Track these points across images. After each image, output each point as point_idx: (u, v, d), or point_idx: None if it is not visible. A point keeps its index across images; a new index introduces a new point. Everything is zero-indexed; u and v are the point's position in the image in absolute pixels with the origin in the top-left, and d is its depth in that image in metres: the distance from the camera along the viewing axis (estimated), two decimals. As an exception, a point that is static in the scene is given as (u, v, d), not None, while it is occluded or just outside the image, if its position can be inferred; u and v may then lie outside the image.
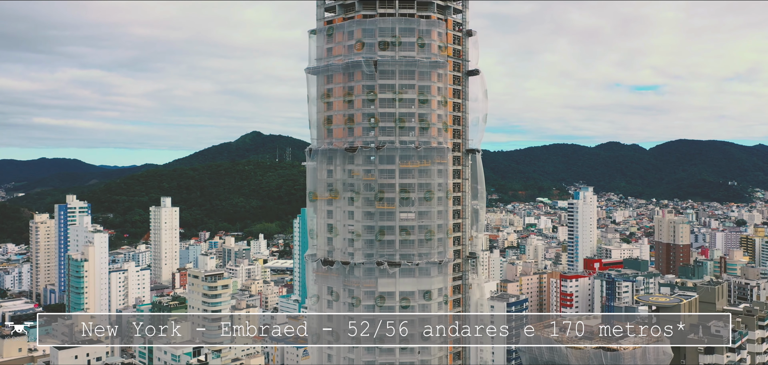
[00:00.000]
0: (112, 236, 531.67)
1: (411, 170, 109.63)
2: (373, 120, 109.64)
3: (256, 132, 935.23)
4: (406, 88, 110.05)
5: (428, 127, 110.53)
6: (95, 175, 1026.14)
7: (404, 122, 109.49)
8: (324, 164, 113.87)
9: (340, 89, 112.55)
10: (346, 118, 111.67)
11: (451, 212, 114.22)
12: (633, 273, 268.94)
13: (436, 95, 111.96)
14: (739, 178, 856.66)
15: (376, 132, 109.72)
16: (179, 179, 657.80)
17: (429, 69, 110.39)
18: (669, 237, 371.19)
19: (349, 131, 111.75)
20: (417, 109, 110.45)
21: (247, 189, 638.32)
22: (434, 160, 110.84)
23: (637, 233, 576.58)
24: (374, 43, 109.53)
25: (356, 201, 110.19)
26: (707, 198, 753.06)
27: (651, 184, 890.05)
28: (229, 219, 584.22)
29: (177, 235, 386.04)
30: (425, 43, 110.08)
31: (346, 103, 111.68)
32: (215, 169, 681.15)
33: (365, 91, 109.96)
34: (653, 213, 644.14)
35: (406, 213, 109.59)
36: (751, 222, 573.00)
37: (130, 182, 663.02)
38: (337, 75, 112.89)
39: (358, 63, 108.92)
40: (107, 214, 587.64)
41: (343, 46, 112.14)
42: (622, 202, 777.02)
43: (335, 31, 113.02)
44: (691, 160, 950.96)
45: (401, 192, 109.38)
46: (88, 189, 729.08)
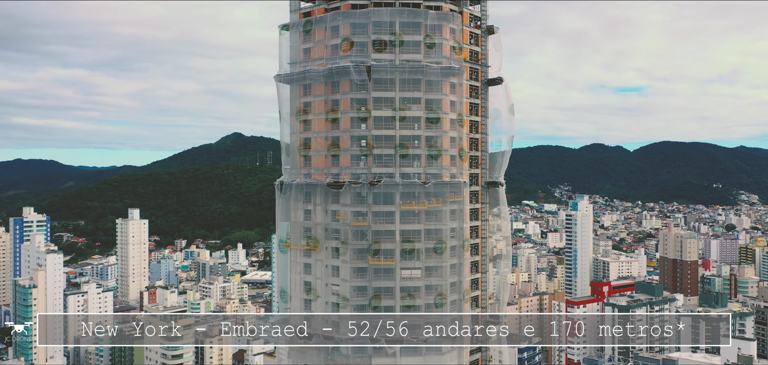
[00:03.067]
0: (82, 245, 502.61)
1: (416, 213, 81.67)
2: (365, 145, 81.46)
3: (237, 133, 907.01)
4: (410, 103, 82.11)
5: (439, 155, 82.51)
6: (72, 176, 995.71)
7: (407, 148, 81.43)
8: (300, 203, 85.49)
9: (322, 104, 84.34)
10: (330, 142, 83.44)
11: (468, 266, 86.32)
12: (647, 298, 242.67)
13: (448, 112, 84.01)
14: (723, 179, 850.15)
15: (369, 161, 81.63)
16: (155, 184, 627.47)
17: (440, 77, 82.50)
18: (676, 253, 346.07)
19: (334, 160, 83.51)
20: (424, 130, 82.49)
21: (225, 194, 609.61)
22: (446, 199, 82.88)
23: (627, 238, 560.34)
24: (367, 42, 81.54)
25: (343, 254, 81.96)
26: (692, 201, 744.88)
27: (636, 186, 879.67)
28: (206, 226, 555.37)
29: (146, 249, 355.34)
30: (435, 42, 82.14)
31: (329, 122, 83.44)
32: (193, 173, 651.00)
33: (355, 106, 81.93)
34: (641, 217, 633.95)
35: (409, 269, 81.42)
36: (741, 227, 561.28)
37: (103, 187, 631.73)
38: (317, 85, 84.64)
39: (345, 69, 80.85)
40: (78, 221, 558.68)
41: (326, 47, 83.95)
42: (608, 205, 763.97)
43: (315, 26, 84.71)
44: (674, 161, 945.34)
45: (403, 242, 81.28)
46: (61, 192, 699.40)
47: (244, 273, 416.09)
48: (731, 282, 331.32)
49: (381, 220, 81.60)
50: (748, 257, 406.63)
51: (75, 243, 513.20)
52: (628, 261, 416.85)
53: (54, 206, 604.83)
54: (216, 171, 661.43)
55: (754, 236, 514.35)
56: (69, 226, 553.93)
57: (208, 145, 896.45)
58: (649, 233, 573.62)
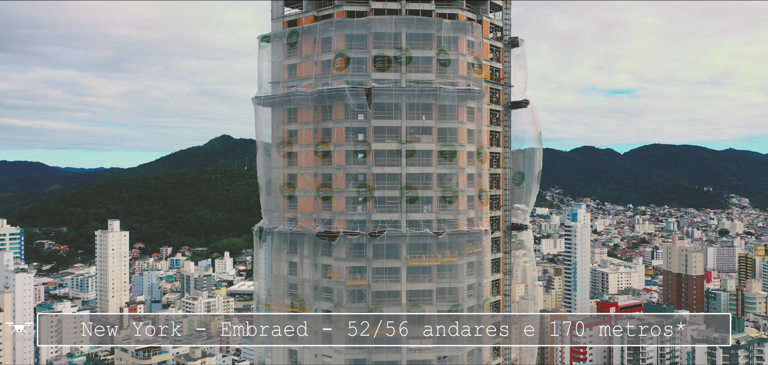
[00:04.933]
0: (64, 252, 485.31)
1: (427, 269, 65.80)
2: (363, 186, 65.50)
3: (225, 136, 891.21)
4: (419, 134, 66.33)
5: (455, 197, 66.70)
6: (58, 178, 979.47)
7: (415, 190, 65.56)
8: (283, 254, 69.42)
9: (310, 133, 68.36)
10: (320, 180, 67.45)
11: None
12: (658, 320, 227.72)
13: (466, 144, 68.21)
14: (713, 182, 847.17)
15: (368, 206, 65.77)
16: (141, 189, 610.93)
17: (455, 101, 66.72)
18: (680, 267, 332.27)
19: (325, 203, 67.51)
20: (436, 167, 66.67)
21: (213, 199, 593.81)
22: (463, 251, 67.04)
23: (621, 244, 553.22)
24: (366, 58, 65.69)
25: (336, 320, 65.97)
26: (683, 204, 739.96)
27: (627, 189, 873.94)
28: (193, 233, 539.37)
29: (127, 262, 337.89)
30: (450, 58, 66.30)
31: (319, 156, 67.48)
32: (180, 178, 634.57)
33: (351, 137, 66.06)
34: (633, 222, 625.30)
35: (418, 340, 65.56)
36: (734, 231, 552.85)
37: (87, 192, 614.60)
38: (304, 110, 68.69)
39: (338, 91, 64.98)
40: (60, 228, 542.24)
41: (315, 63, 67.97)
42: (600, 209, 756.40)
43: (301, 38, 68.61)
44: (665, 164, 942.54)
45: (411, 305, 65.38)
46: (45, 196, 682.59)
47: (231, 283, 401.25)
48: (738, 298, 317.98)
49: (383, 278, 65.79)
50: (747, 266, 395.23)
51: (57, 251, 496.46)
52: (628, 272, 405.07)
53: (36, 211, 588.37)
54: (203, 175, 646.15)
55: (749, 242, 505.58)
56: (51, 233, 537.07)
57: (195, 147, 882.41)
58: (643, 238, 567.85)
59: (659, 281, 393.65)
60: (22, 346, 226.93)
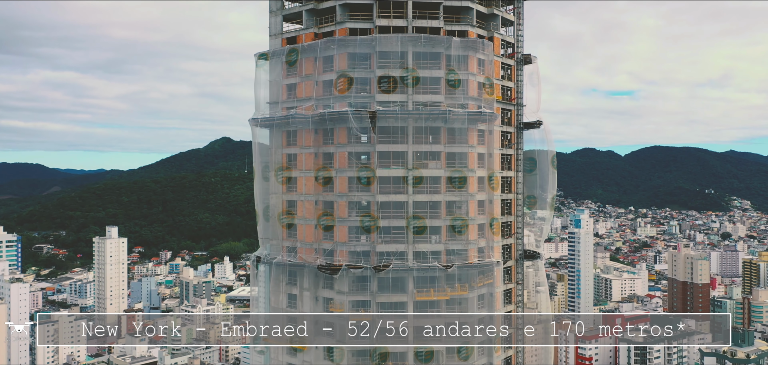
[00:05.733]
0: (63, 257, 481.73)
1: (435, 303, 61.58)
2: (367, 215, 61.31)
3: (225, 138, 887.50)
4: (427, 159, 62.10)
5: (465, 227, 62.45)
6: (57, 180, 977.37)
7: (423, 219, 61.25)
8: (281, 285, 65.22)
9: (310, 157, 64.15)
10: (321, 209, 63.27)
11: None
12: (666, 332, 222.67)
13: (476, 169, 64.00)
14: (714, 184, 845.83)
15: (372, 236, 61.51)
16: (140, 192, 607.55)
17: (466, 124, 62.48)
18: (686, 275, 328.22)
19: (326, 232, 63.28)
20: (444, 194, 62.45)
21: (213, 203, 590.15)
22: (474, 284, 62.81)
23: (623, 248, 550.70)
24: (370, 78, 61.51)
25: (339, 358, 61.72)
26: (685, 207, 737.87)
27: (628, 192, 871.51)
28: (192, 237, 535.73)
29: (125, 269, 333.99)
30: (460, 78, 62.05)
31: (320, 182, 63.28)
32: (179, 181, 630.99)
33: (354, 162, 61.88)
34: (635, 225, 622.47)
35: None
36: (736, 234, 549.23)
37: (86, 196, 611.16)
38: (304, 132, 64.52)
39: (341, 114, 60.75)
40: (59, 232, 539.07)
41: (316, 83, 63.77)
42: (600, 211, 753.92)
43: (301, 56, 64.37)
44: (666, 166, 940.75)
45: (418, 343, 61.08)
46: (44, 199, 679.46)
47: (230, 288, 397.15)
48: (744, 307, 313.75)
49: (389, 314, 61.49)
50: (752, 272, 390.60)
51: (55, 255, 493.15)
52: (631, 278, 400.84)
53: (35, 215, 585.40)
54: (203, 179, 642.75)
55: (752, 245, 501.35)
56: (50, 237, 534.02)
57: (196, 149, 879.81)
58: (645, 242, 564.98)
59: (662, 287, 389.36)
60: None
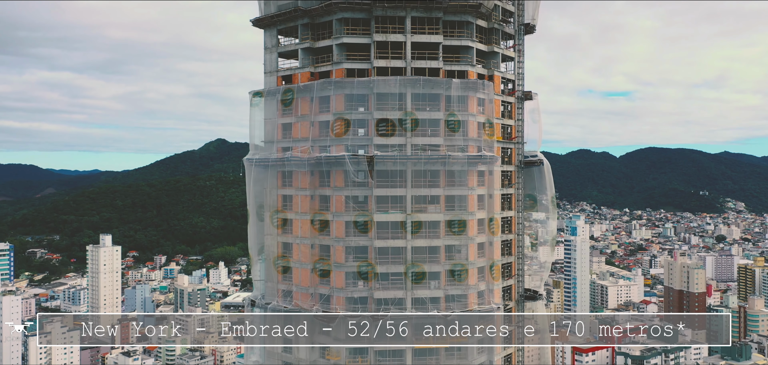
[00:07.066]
0: (56, 262, 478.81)
1: (433, 351, 60.11)
2: (365, 260, 59.79)
3: (220, 139, 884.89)
4: (426, 203, 60.61)
5: (465, 272, 60.98)
6: (51, 182, 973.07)
7: (421, 267, 59.78)
8: (277, 330, 63.64)
9: (306, 200, 62.61)
10: (317, 252, 61.71)
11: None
12: (662, 347, 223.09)
13: (476, 211, 62.54)
14: (709, 186, 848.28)
15: (370, 283, 59.98)
16: (135, 196, 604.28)
17: (466, 167, 61.02)
18: (682, 284, 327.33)
19: (322, 277, 61.75)
20: (443, 238, 60.97)
21: (207, 207, 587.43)
22: (474, 329, 61.33)
23: (618, 251, 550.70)
24: (368, 120, 59.97)
25: (335, 407, 60.22)
26: (679, 208, 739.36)
27: (623, 193, 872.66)
28: (187, 241, 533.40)
29: (119, 277, 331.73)
30: (460, 120, 60.59)
31: (316, 226, 61.71)
32: (174, 184, 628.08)
33: (352, 207, 60.33)
34: (630, 227, 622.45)
35: (424, 429, 59.90)
36: (731, 237, 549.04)
37: (80, 199, 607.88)
38: (300, 174, 62.97)
39: (338, 159, 59.22)
40: (53, 236, 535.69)
41: (312, 124, 62.19)
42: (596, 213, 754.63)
43: (297, 95, 62.83)
44: (660, 167, 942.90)
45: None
46: (39, 201, 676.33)
47: (225, 293, 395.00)
48: (740, 316, 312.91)
49: (387, 362, 60.03)
50: (747, 278, 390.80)
51: (49, 260, 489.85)
52: (627, 284, 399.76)
53: (28, 219, 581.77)
54: (198, 182, 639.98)
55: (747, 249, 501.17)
56: (43, 242, 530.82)
57: (191, 151, 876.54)
58: (640, 245, 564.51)
59: (658, 291, 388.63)
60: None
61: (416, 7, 59.98)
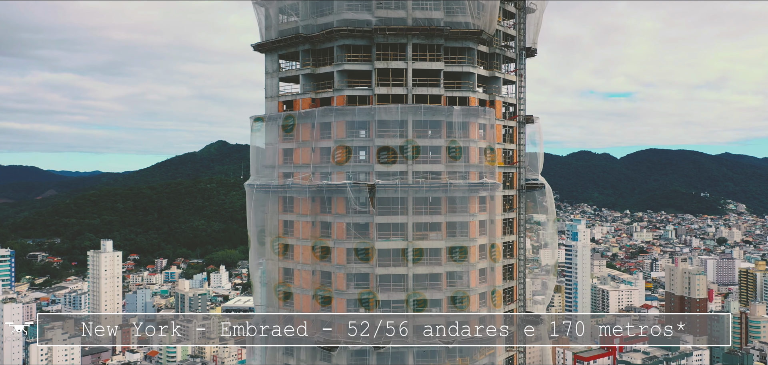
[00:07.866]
0: (57, 265, 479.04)
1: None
2: (366, 288, 59.71)
3: (221, 141, 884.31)
4: (428, 230, 60.54)
5: (465, 299, 60.91)
6: (52, 183, 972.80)
7: (423, 295, 59.72)
8: (278, 357, 63.63)
9: (307, 226, 62.54)
10: (319, 279, 61.66)
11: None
12: (664, 355, 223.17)
13: (477, 238, 62.47)
14: (709, 187, 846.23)
15: (371, 310, 59.87)
16: (136, 199, 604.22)
17: (467, 193, 60.95)
18: (683, 290, 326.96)
19: (324, 303, 61.69)
20: (445, 265, 60.89)
21: (208, 210, 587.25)
22: (475, 357, 61.30)
23: (619, 254, 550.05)
24: (369, 147, 59.88)
25: (336, 435, 60.09)
26: (680, 210, 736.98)
27: (624, 195, 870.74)
28: (188, 245, 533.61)
29: (120, 283, 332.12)
30: (461, 146, 60.51)
31: (317, 253, 61.67)
32: (175, 187, 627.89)
33: (353, 234, 60.26)
34: (631, 229, 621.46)
35: None
36: (732, 239, 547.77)
37: (81, 202, 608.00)
38: (301, 201, 62.91)
39: (338, 187, 59.16)
40: (54, 239, 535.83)
41: (313, 150, 62.13)
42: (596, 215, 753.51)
43: (298, 122, 62.79)
44: (661, 169, 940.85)
45: (418, 420, 59.57)
46: (40, 204, 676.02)
47: (226, 297, 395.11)
48: (742, 322, 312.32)
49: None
50: (748, 282, 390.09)
51: (50, 263, 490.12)
52: (628, 289, 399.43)
53: (29, 222, 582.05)
54: (199, 185, 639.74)
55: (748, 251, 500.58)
56: (44, 245, 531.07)
57: (192, 153, 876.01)
58: (641, 247, 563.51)
59: (659, 295, 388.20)
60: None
61: (418, 35, 59.93)
